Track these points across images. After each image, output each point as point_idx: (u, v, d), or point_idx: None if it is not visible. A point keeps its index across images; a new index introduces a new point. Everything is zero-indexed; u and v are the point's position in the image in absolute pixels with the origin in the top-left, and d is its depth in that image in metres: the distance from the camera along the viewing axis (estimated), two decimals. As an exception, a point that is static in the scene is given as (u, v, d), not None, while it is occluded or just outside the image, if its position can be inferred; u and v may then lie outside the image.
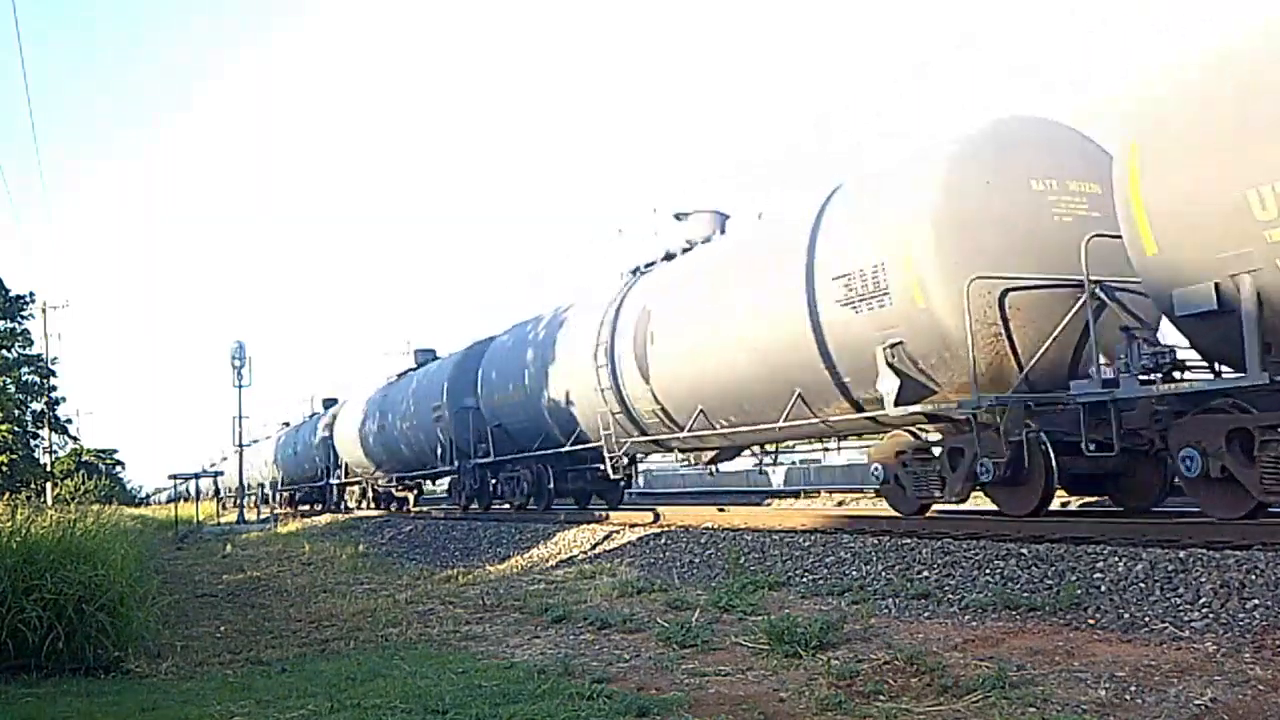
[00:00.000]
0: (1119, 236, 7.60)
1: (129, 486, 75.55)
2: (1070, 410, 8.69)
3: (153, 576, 9.77)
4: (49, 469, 35.36)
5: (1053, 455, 8.99)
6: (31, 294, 31.15)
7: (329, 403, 36.93)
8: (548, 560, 12.29)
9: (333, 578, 12.59)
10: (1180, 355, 7.91)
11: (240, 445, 37.63)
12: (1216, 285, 6.80)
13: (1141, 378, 7.78)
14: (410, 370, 26.35)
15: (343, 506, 32.57)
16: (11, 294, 29.37)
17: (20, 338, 30.15)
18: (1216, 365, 7.64)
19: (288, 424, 46.35)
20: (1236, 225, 6.50)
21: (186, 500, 50.76)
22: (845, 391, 10.73)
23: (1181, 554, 6.53)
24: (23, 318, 30.27)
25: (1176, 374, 7.86)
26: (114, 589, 7.14)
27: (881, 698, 4.77)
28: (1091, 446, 8.39)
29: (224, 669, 6.91)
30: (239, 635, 8.45)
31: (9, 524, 8.08)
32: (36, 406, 33.43)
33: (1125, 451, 8.31)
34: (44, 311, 36.57)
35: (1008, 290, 9.07)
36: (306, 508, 36.71)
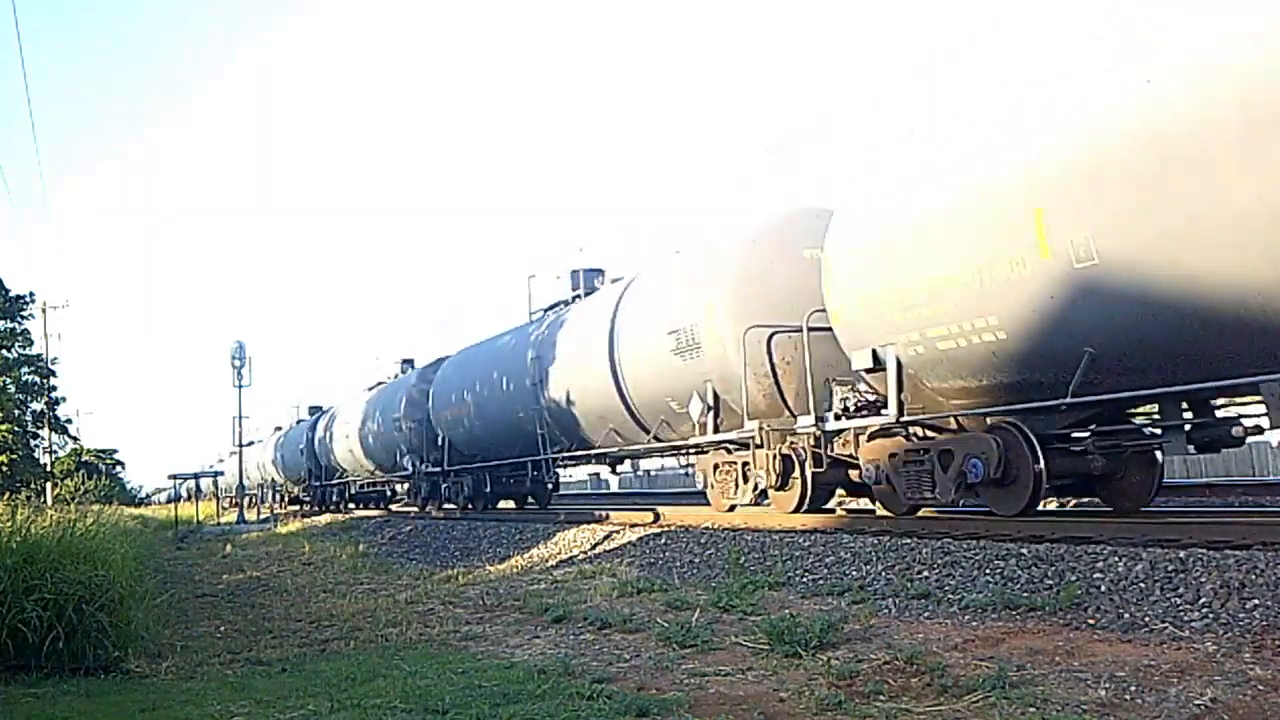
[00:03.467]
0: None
1: (129, 486, 75.38)
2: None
3: (152, 576, 9.77)
4: (49, 469, 35.33)
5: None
6: (31, 294, 31.19)
7: (315, 410, 39.20)
8: (548, 560, 12.29)
9: (333, 578, 12.59)
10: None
11: (240, 445, 37.68)
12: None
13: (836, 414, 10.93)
14: (386, 381, 29.31)
15: (333, 506, 33.41)
16: (11, 294, 29.38)
17: (20, 338, 30.15)
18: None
19: (280, 428, 47.24)
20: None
21: (186, 500, 50.79)
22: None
23: (1181, 554, 6.53)
24: (23, 318, 30.29)
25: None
26: (114, 589, 7.15)
27: (881, 698, 4.77)
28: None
29: (224, 669, 6.90)
30: (239, 635, 8.45)
31: (9, 524, 8.08)
32: (36, 406, 33.44)
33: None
34: (44, 311, 36.59)
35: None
36: (303, 507, 36.87)
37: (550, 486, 21.57)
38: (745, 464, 12.53)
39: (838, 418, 10.87)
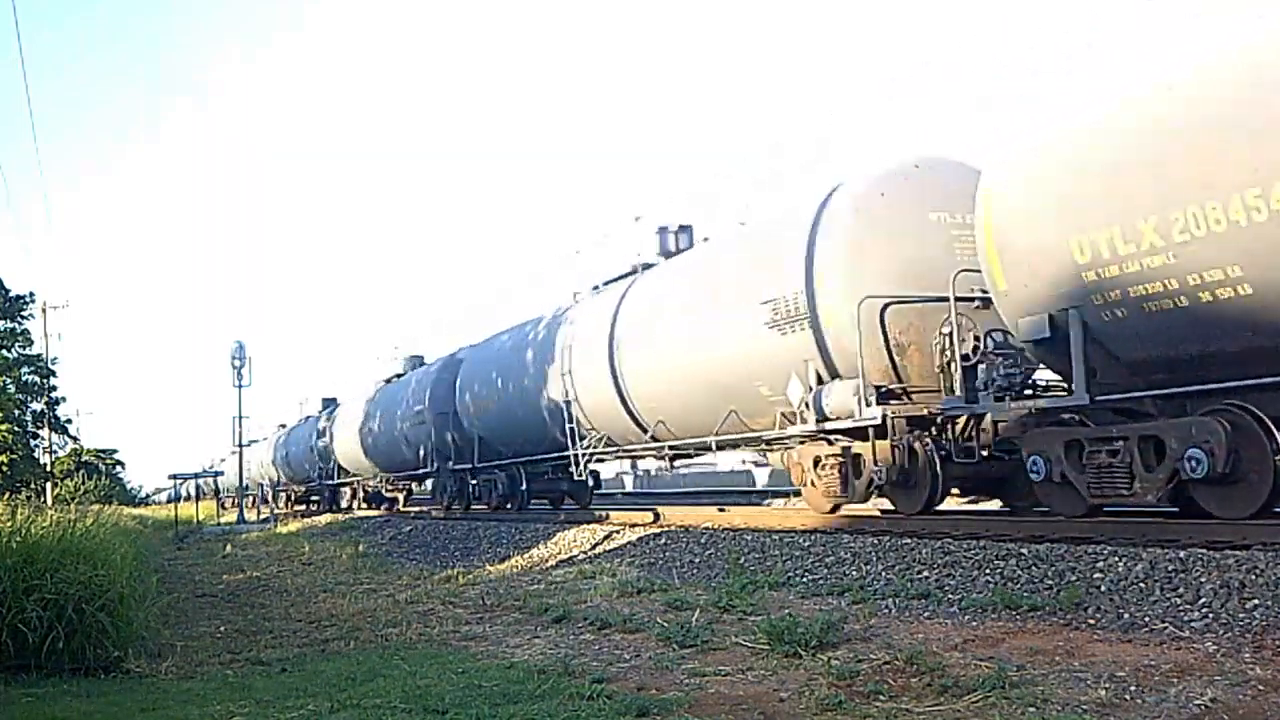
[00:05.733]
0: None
1: (129, 486, 75.40)
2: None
3: (152, 576, 9.76)
4: (49, 469, 35.29)
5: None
6: (31, 294, 31.05)
7: (328, 402, 37.17)
8: (548, 560, 12.29)
9: (333, 578, 12.59)
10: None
11: (240, 445, 37.65)
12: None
13: (997, 395, 8.95)
14: (398, 376, 27.27)
15: (337, 506, 32.89)
16: (11, 294, 29.34)
17: (20, 338, 30.07)
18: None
19: (284, 425, 46.58)
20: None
21: (186, 500, 50.78)
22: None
23: (1181, 554, 6.53)
24: (23, 318, 30.19)
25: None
26: (114, 589, 7.14)
27: (881, 698, 4.77)
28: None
29: (224, 669, 6.90)
30: (239, 635, 8.45)
31: (9, 524, 8.08)
32: (36, 406, 33.38)
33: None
34: (44, 311, 36.55)
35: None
36: (303, 507, 36.82)
37: (591, 484, 19.70)
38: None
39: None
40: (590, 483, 19.48)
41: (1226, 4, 7.08)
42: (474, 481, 21.29)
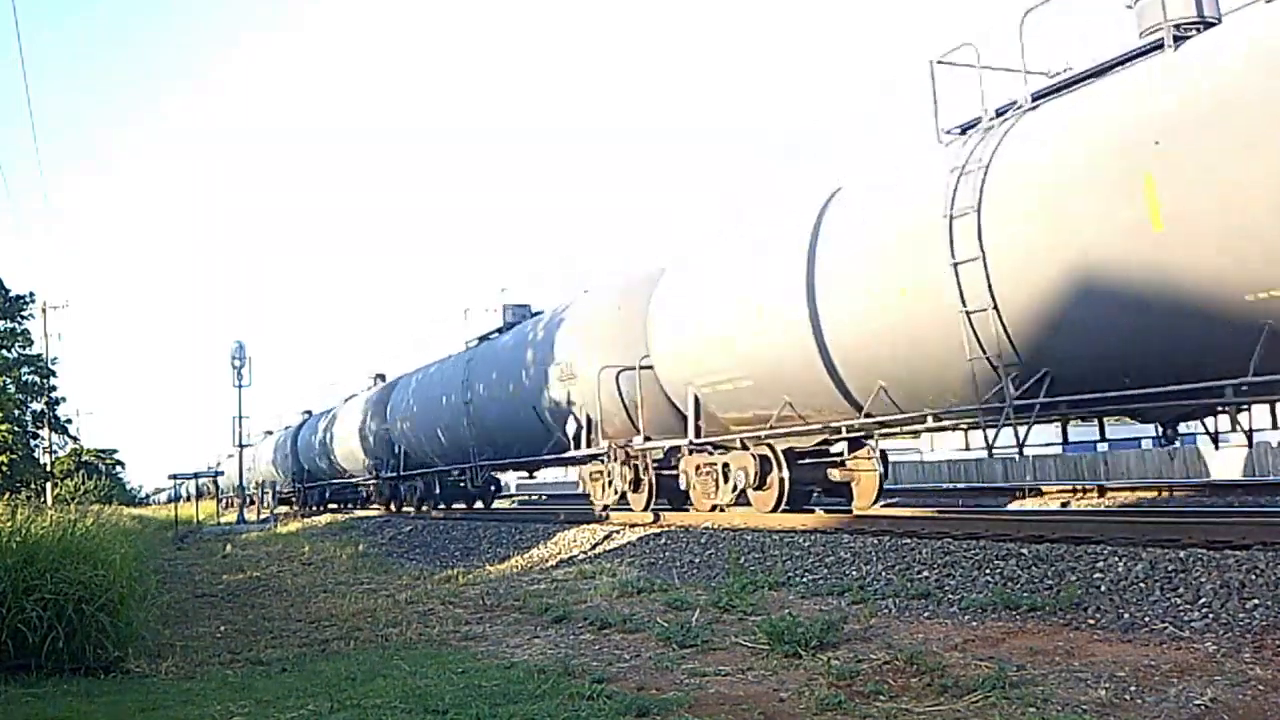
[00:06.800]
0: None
1: (129, 486, 75.37)
2: None
3: (152, 576, 9.76)
4: (49, 469, 35.26)
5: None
6: (31, 294, 31.06)
7: (306, 414, 40.64)
8: (548, 560, 12.29)
9: (333, 578, 12.59)
10: None
11: (240, 445, 37.66)
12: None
13: None
14: (355, 395, 32.01)
15: (315, 507, 34.70)
16: (11, 294, 29.33)
17: (20, 338, 30.07)
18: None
19: (270, 432, 48.54)
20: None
21: (186, 500, 50.75)
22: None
23: (1181, 554, 6.53)
24: (23, 318, 30.19)
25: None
26: (114, 589, 7.14)
27: (881, 698, 4.77)
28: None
29: (224, 669, 6.90)
30: (239, 635, 8.45)
31: (9, 524, 8.07)
32: (36, 406, 33.37)
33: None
34: (44, 311, 36.52)
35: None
36: (289, 509, 37.15)
37: (493, 489, 25.63)
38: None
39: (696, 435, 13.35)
40: (493, 487, 25.51)
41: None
42: (403, 486, 25.96)
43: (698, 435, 12.88)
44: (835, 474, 12.30)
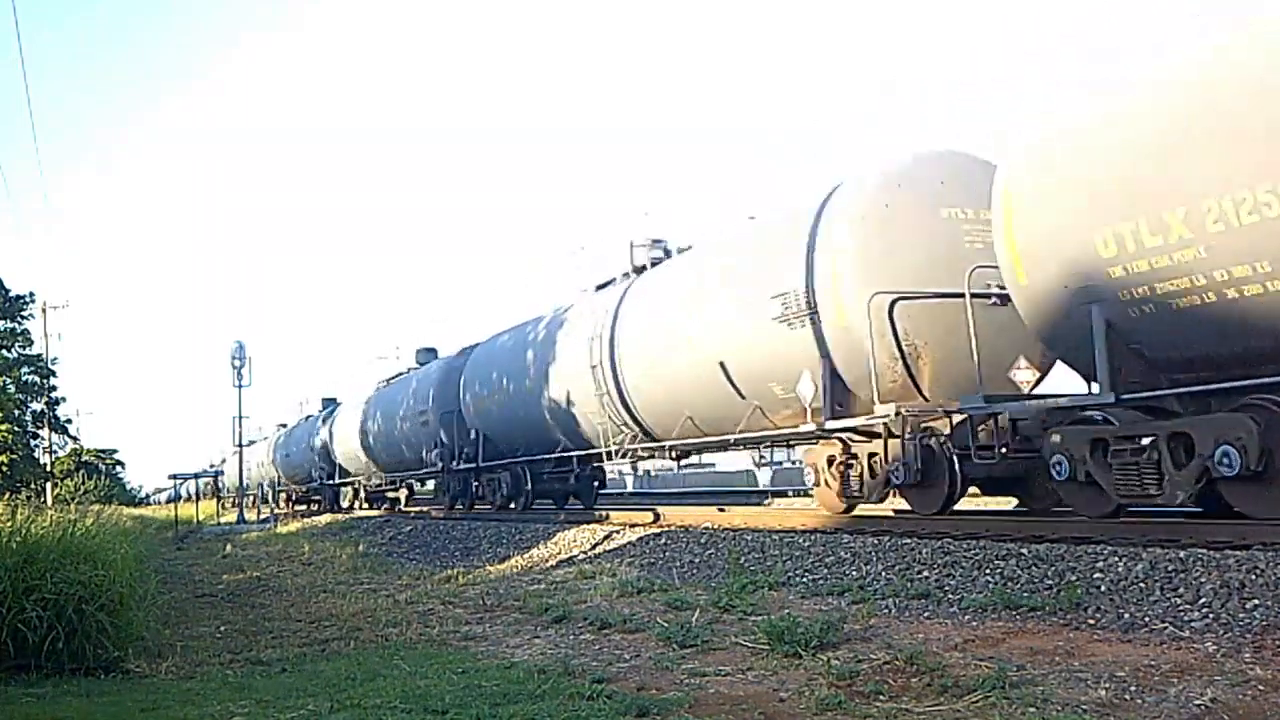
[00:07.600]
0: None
1: (129, 486, 75.31)
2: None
3: (152, 576, 9.76)
4: (49, 469, 35.28)
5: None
6: (31, 294, 31.05)
7: (328, 402, 37.26)
8: (548, 560, 12.29)
9: (333, 578, 12.59)
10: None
11: (240, 445, 37.67)
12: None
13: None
14: (403, 374, 26.96)
15: (338, 506, 32.94)
16: (11, 294, 29.33)
17: (20, 338, 30.07)
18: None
19: (285, 425, 46.56)
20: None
21: (187, 500, 50.78)
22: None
23: (1181, 554, 6.53)
24: (23, 318, 30.19)
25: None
26: (114, 589, 7.14)
27: (881, 698, 4.77)
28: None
29: (224, 669, 6.90)
30: (239, 635, 8.45)
31: (9, 524, 8.07)
32: (36, 406, 33.37)
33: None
34: (44, 311, 36.53)
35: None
36: (304, 507, 36.80)
37: (597, 484, 19.76)
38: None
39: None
40: (596, 483, 19.49)
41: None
42: (477, 482, 21.30)
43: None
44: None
